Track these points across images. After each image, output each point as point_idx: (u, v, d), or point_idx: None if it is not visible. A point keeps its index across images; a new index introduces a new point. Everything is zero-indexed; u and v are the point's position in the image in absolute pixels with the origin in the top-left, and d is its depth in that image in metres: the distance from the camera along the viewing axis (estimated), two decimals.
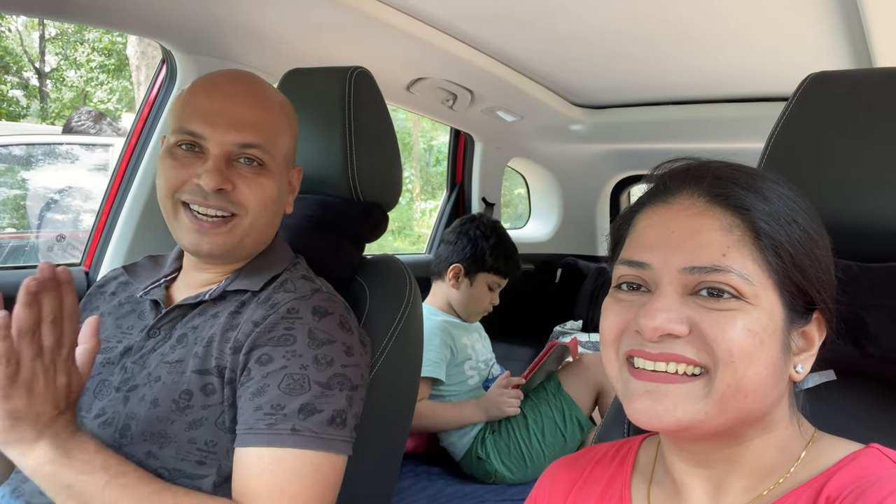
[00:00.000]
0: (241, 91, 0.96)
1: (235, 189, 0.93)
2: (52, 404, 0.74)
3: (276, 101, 0.99)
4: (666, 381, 0.56)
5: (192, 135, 0.92)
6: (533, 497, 0.75)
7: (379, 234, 1.26)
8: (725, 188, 0.58)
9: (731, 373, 0.54)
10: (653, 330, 0.55)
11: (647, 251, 0.59)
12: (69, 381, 0.76)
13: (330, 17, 1.46)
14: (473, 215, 2.08)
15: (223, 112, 0.93)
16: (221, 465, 0.89)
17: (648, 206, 0.62)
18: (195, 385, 0.90)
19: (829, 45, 1.59)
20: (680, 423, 0.55)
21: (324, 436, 0.87)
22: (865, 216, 0.76)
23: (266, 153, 0.95)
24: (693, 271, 0.56)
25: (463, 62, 1.83)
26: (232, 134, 0.92)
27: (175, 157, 0.94)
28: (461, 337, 1.93)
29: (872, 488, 0.52)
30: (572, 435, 1.89)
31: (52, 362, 0.73)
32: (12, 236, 4.67)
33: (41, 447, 0.75)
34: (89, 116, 4.49)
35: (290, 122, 1.02)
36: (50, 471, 0.76)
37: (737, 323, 0.54)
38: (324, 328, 0.92)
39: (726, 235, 0.56)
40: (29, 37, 11.67)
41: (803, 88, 0.84)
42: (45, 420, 0.74)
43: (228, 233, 0.94)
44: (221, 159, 0.92)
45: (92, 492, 0.76)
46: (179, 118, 0.94)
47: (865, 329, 0.73)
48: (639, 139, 2.69)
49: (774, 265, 0.56)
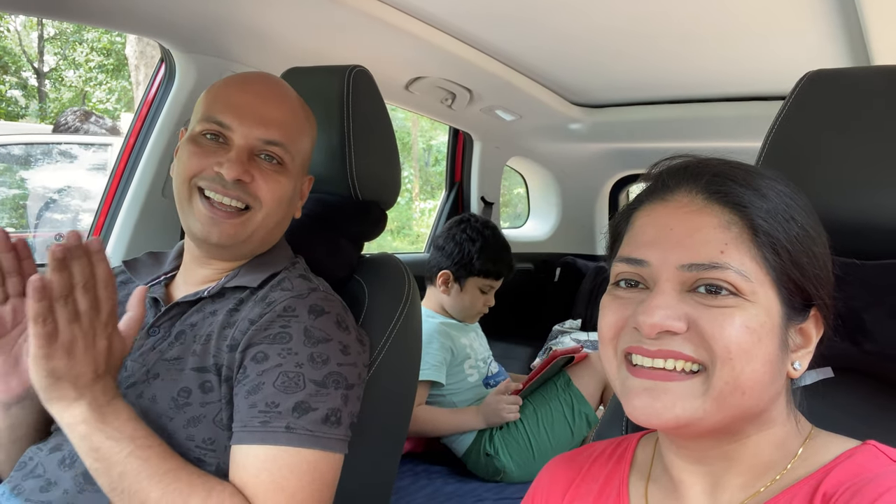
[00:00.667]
0: (272, 91, 0.99)
1: (254, 182, 0.95)
2: (92, 367, 0.77)
3: (300, 105, 1.03)
4: (664, 378, 0.56)
5: (219, 124, 0.95)
6: (531, 494, 0.75)
7: (378, 233, 1.27)
8: (723, 185, 0.58)
9: (729, 370, 0.54)
10: (651, 326, 0.55)
11: (646, 248, 0.59)
12: (110, 345, 0.79)
13: (329, 15, 1.46)
14: (463, 217, 2.05)
15: (253, 107, 0.95)
16: (220, 463, 0.89)
17: (647, 204, 0.62)
18: (194, 382, 0.91)
19: (827, 44, 1.60)
20: (678, 421, 0.55)
21: (318, 434, 0.87)
22: (863, 214, 0.76)
23: (287, 152, 0.97)
24: (691, 268, 0.56)
25: (462, 61, 1.83)
26: (259, 129, 0.95)
27: (198, 145, 0.96)
28: (459, 337, 1.93)
29: (869, 485, 0.52)
30: (579, 430, 1.90)
31: (90, 326, 0.76)
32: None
33: (79, 407, 0.78)
34: (76, 116, 4.49)
35: (311, 127, 1.05)
36: (83, 430, 0.79)
37: (735, 320, 0.54)
38: (320, 326, 0.92)
39: (724, 232, 0.56)
40: (28, 37, 11.66)
41: (801, 87, 0.84)
42: (85, 381, 0.78)
43: (241, 224, 0.95)
44: (245, 151, 0.94)
45: (116, 459, 0.79)
46: (208, 108, 0.97)
47: (863, 326, 0.73)
48: (637, 138, 2.70)
49: (772, 262, 0.56)
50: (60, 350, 0.74)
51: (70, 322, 0.74)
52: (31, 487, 0.88)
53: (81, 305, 0.75)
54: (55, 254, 0.72)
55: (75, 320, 0.75)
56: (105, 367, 0.79)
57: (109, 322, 0.78)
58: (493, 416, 1.83)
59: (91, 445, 0.79)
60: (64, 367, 0.75)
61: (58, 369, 0.75)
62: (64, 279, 0.73)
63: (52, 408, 0.79)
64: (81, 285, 0.74)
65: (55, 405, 0.79)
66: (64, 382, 0.76)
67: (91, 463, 0.80)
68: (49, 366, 0.75)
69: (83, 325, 0.75)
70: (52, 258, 0.72)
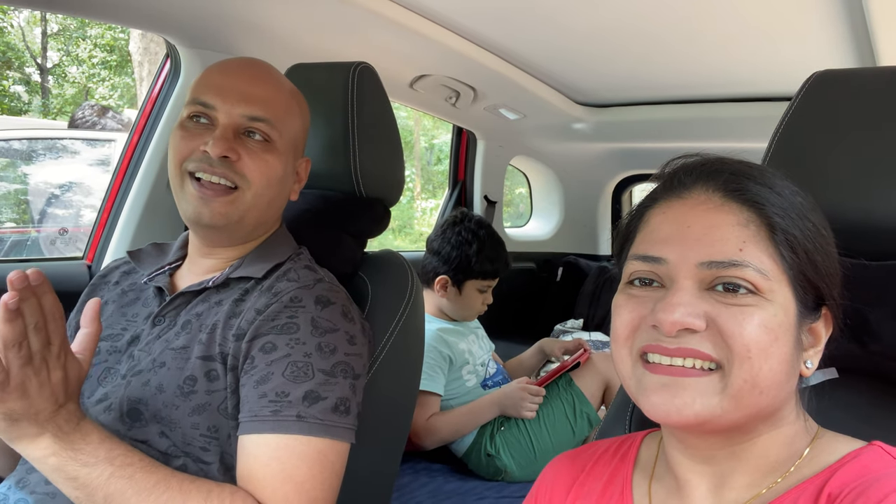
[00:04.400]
0: (255, 70, 0.99)
1: (240, 160, 0.95)
2: (51, 400, 0.74)
3: (287, 86, 1.02)
4: (682, 374, 0.55)
5: (204, 105, 0.95)
6: (535, 491, 0.75)
7: (381, 230, 1.26)
8: (741, 183, 0.58)
9: (748, 368, 0.54)
10: (671, 324, 0.55)
11: (663, 246, 0.58)
12: (65, 375, 0.76)
13: (334, 12, 1.46)
14: (455, 217, 2.01)
15: (235, 86, 0.96)
16: (223, 451, 0.89)
17: (662, 201, 0.62)
18: (199, 371, 0.91)
19: (833, 45, 1.59)
20: (698, 417, 0.55)
21: (328, 423, 0.87)
22: (869, 214, 0.76)
23: (273, 129, 0.97)
24: (710, 266, 0.55)
25: (467, 59, 1.83)
26: (241, 106, 0.95)
27: (186, 129, 0.96)
28: (457, 343, 1.90)
29: (874, 486, 0.52)
30: (581, 429, 1.89)
31: (42, 363, 0.73)
32: (13, 231, 4.67)
33: (44, 441, 0.75)
34: (93, 111, 4.48)
35: (301, 108, 1.04)
36: (54, 463, 0.76)
37: (754, 318, 0.54)
38: (327, 317, 0.92)
39: (743, 230, 0.56)
40: (31, 32, 11.67)
41: (807, 87, 0.84)
42: (46, 416, 0.75)
43: (231, 203, 0.95)
44: (229, 129, 0.95)
45: (96, 483, 0.77)
46: (193, 92, 0.97)
47: (868, 326, 0.73)
48: (641, 138, 2.69)
49: (789, 260, 0.56)
50: (14, 393, 0.71)
51: (22, 366, 0.71)
52: (36, 480, 0.88)
53: (34, 346, 0.72)
54: (8, 305, 0.68)
55: (28, 363, 0.71)
56: (65, 397, 0.76)
57: (62, 352, 0.75)
58: (511, 407, 1.81)
59: (66, 476, 0.76)
60: (20, 407, 0.72)
61: (14, 411, 0.72)
62: (17, 327, 0.69)
63: (17, 447, 0.76)
64: (33, 326, 0.71)
65: (18, 444, 0.76)
66: (23, 422, 0.74)
67: (71, 492, 0.77)
68: (4, 409, 0.72)
69: (35, 364, 0.72)
70: (6, 310, 0.68)
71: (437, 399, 1.82)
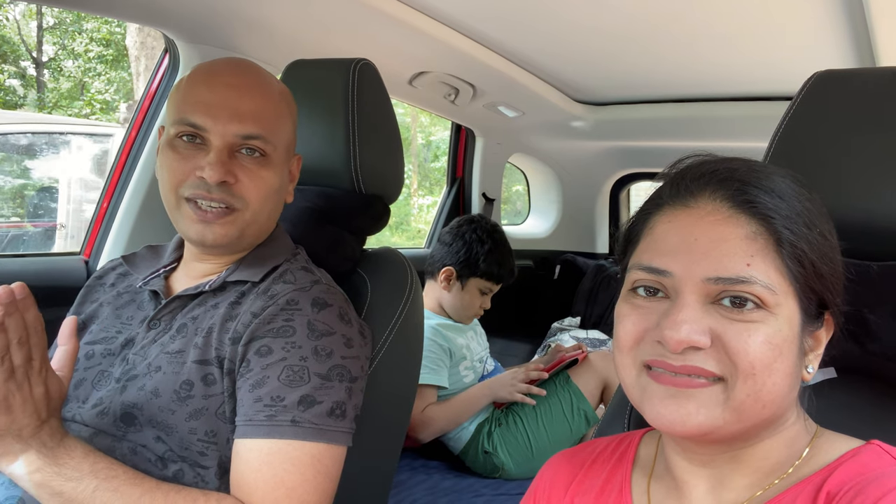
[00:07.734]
0: (242, 81, 0.95)
1: (238, 182, 0.93)
2: (34, 416, 0.75)
3: (276, 90, 0.99)
4: (687, 385, 0.55)
5: (193, 126, 0.92)
6: (533, 489, 0.75)
7: (380, 227, 1.26)
8: (749, 194, 0.57)
9: (752, 384, 0.54)
10: (678, 343, 0.54)
11: (669, 258, 0.57)
12: (46, 390, 0.76)
13: (333, 9, 1.45)
14: (472, 217, 2.05)
15: (225, 103, 0.92)
16: (222, 456, 0.89)
17: (667, 208, 0.60)
18: (196, 375, 0.90)
19: (833, 44, 1.59)
20: (701, 428, 0.55)
21: (324, 427, 0.87)
22: (869, 215, 0.76)
23: (268, 143, 0.95)
24: (717, 281, 0.55)
25: (466, 57, 1.82)
26: (234, 125, 0.92)
27: (176, 150, 0.93)
28: (455, 338, 1.92)
29: (872, 484, 0.52)
30: (578, 427, 1.90)
31: (24, 378, 0.73)
32: (10, 225, 4.66)
33: (28, 457, 0.76)
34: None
35: (291, 110, 1.02)
36: (39, 479, 0.76)
37: (759, 335, 0.54)
38: (323, 320, 0.92)
39: (750, 244, 0.55)
40: (27, 26, 11.61)
41: (808, 87, 0.84)
42: (29, 432, 0.75)
43: (231, 223, 0.94)
44: (224, 151, 0.92)
45: (82, 498, 0.77)
46: (180, 109, 0.93)
47: (867, 327, 0.73)
48: (640, 137, 2.69)
49: (796, 273, 0.56)
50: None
51: (5, 381, 0.71)
52: None
53: (16, 360, 0.72)
54: None
55: (10, 378, 0.71)
56: (47, 412, 0.76)
57: (43, 367, 0.75)
58: (502, 389, 1.85)
59: (52, 491, 0.76)
60: (4, 423, 0.73)
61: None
62: (0, 342, 0.70)
63: (1, 464, 0.76)
64: (16, 341, 0.71)
65: (2, 461, 0.76)
66: (7, 438, 0.74)
67: None
68: None
69: (17, 379, 0.72)
70: None
71: (433, 391, 1.83)
